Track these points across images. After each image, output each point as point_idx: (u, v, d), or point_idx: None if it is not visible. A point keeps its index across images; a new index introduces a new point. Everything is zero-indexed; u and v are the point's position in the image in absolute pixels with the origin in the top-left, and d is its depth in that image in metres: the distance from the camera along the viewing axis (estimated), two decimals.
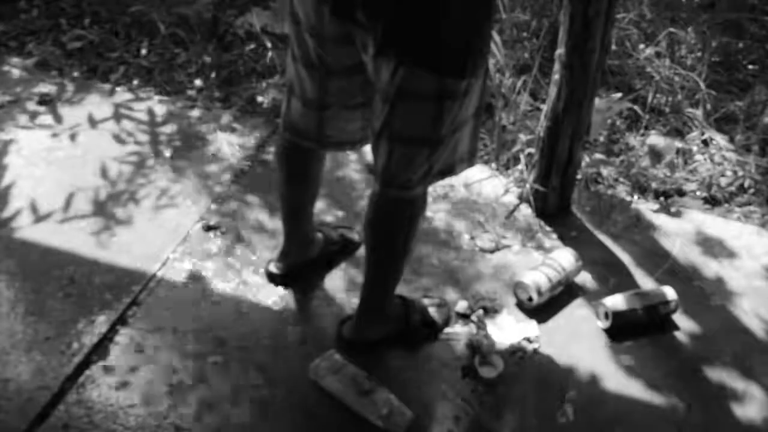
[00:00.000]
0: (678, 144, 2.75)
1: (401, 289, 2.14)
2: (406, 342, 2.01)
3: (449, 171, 1.76)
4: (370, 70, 1.62)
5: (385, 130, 1.65)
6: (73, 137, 2.69)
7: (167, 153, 2.64)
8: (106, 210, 2.39)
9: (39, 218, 2.34)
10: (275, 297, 2.13)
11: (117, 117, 2.80)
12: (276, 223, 2.29)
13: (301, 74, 1.76)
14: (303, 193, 2.04)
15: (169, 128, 2.77)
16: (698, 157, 2.80)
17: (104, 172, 2.53)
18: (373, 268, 1.90)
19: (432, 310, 2.06)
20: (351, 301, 2.10)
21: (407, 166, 1.68)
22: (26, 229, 2.30)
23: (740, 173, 2.72)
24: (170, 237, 2.30)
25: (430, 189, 2.50)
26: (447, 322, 2.07)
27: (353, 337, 1.99)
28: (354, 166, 2.61)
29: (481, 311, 2.11)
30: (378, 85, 1.61)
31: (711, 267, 2.34)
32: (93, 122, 2.77)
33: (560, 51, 2.20)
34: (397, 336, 2.00)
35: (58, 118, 2.78)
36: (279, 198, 2.08)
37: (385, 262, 1.90)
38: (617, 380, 1.98)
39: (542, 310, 2.13)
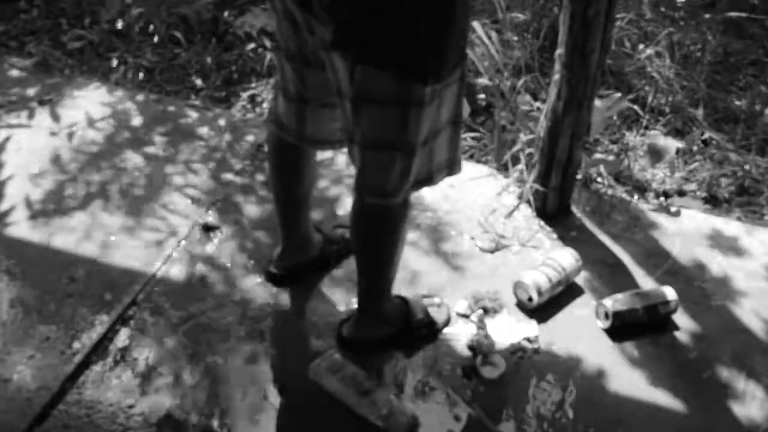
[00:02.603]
0: (678, 144, 2.75)
1: (402, 289, 2.14)
2: (407, 342, 2.01)
3: (427, 180, 1.72)
4: (327, 67, 1.57)
5: (356, 134, 1.62)
6: (71, 136, 2.69)
7: (167, 153, 2.64)
8: (106, 209, 2.39)
9: (39, 218, 2.34)
10: (275, 297, 2.13)
11: (116, 117, 2.80)
12: (276, 223, 2.29)
13: (283, 66, 1.75)
14: (293, 188, 2.01)
15: (168, 128, 2.77)
16: (698, 157, 2.80)
17: (103, 172, 2.53)
18: (363, 272, 1.90)
19: (432, 310, 2.06)
20: (351, 301, 2.10)
21: (381, 173, 1.64)
22: (26, 229, 2.30)
23: (740, 173, 2.73)
24: (170, 237, 2.29)
25: (430, 189, 2.51)
26: (447, 322, 2.07)
27: (353, 337, 1.99)
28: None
29: (481, 311, 2.11)
30: (337, 85, 1.57)
31: (711, 267, 2.34)
32: (92, 122, 2.77)
33: (560, 51, 2.20)
34: (397, 336, 2.00)
35: (57, 118, 2.78)
36: (272, 195, 2.08)
37: (373, 266, 1.89)
38: (617, 380, 1.98)
39: (542, 310, 2.13)
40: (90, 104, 2.86)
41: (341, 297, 2.13)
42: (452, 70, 1.56)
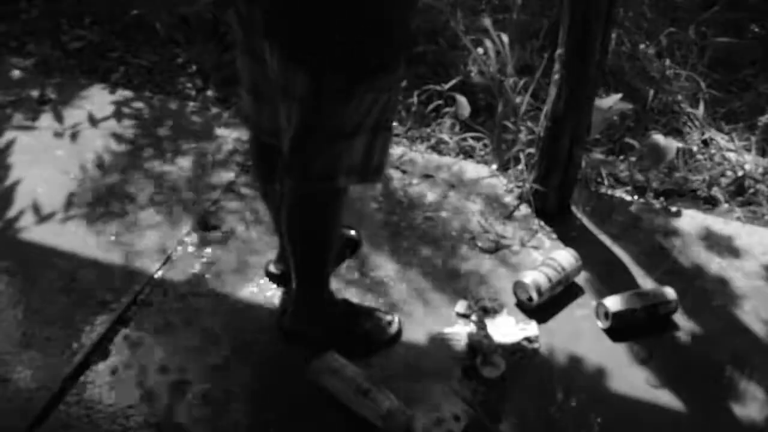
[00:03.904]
0: (678, 144, 2.75)
1: (401, 289, 2.14)
2: (346, 349, 1.94)
3: (329, 177, 1.67)
4: (267, 56, 1.59)
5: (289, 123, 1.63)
6: (73, 136, 2.69)
7: (167, 153, 2.64)
8: (107, 209, 2.39)
9: (40, 218, 2.34)
10: (274, 297, 2.13)
11: (117, 117, 2.80)
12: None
13: (237, 58, 1.76)
14: (276, 187, 1.99)
15: (169, 128, 2.77)
16: (698, 157, 2.80)
17: (104, 172, 2.54)
18: (292, 262, 1.90)
19: (378, 324, 2.03)
20: (348, 298, 2.10)
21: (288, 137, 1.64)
22: (27, 229, 2.30)
23: (740, 173, 2.73)
24: (170, 236, 2.29)
25: (430, 189, 2.51)
26: (390, 341, 2.02)
27: (287, 329, 2.00)
28: None
29: (481, 311, 2.11)
30: (274, 76, 1.59)
31: (711, 267, 2.34)
32: (93, 122, 2.77)
33: (560, 51, 2.20)
34: (336, 339, 1.97)
35: (59, 118, 2.78)
36: (260, 195, 2.08)
37: (291, 252, 1.88)
38: (617, 380, 1.98)
39: (542, 310, 2.13)
40: (91, 105, 2.86)
41: (339, 295, 2.13)
42: (380, 74, 1.55)
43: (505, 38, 2.80)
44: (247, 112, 1.85)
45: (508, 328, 2.08)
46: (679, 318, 2.15)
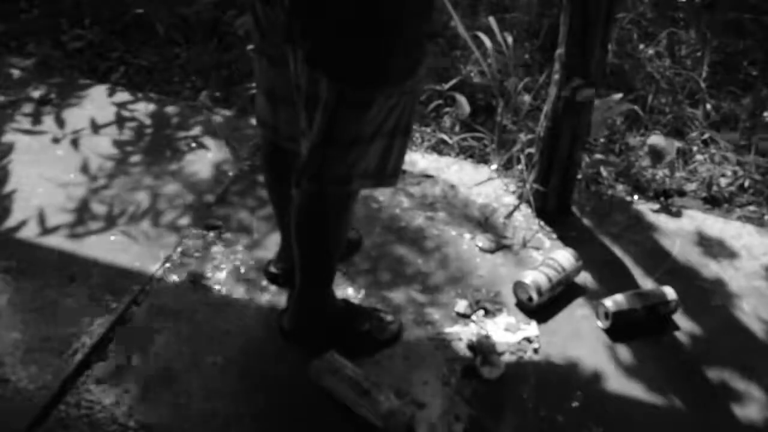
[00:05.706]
0: (678, 144, 2.75)
1: (402, 289, 2.14)
2: (346, 349, 1.95)
3: (344, 181, 1.69)
4: (289, 60, 1.60)
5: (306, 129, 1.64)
6: (74, 138, 2.69)
7: (167, 153, 2.64)
8: (106, 209, 2.39)
9: (40, 218, 2.34)
10: (275, 297, 2.13)
11: (117, 117, 2.80)
12: (275, 223, 2.29)
13: (255, 61, 1.77)
14: (285, 188, 2.00)
15: (169, 128, 2.77)
16: (698, 157, 2.80)
17: (103, 172, 2.53)
18: (297, 263, 1.91)
19: (378, 324, 2.03)
20: (349, 299, 2.10)
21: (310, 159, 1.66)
22: (26, 230, 2.30)
23: (740, 173, 2.73)
24: (170, 237, 2.30)
25: (430, 189, 2.51)
26: (390, 341, 2.02)
27: (287, 329, 2.00)
28: None
29: (481, 311, 2.12)
30: (296, 81, 1.61)
31: (711, 267, 2.34)
32: (93, 122, 2.77)
33: (560, 51, 2.20)
34: (336, 339, 1.97)
35: (59, 118, 2.78)
36: (268, 195, 2.08)
37: (299, 254, 1.88)
38: (617, 380, 1.98)
39: (542, 310, 2.13)
40: (91, 105, 2.86)
41: (339, 296, 2.13)
42: (399, 82, 1.56)
43: (509, 38, 2.80)
44: (263, 115, 1.84)
45: (508, 328, 2.08)
46: (679, 318, 2.16)
